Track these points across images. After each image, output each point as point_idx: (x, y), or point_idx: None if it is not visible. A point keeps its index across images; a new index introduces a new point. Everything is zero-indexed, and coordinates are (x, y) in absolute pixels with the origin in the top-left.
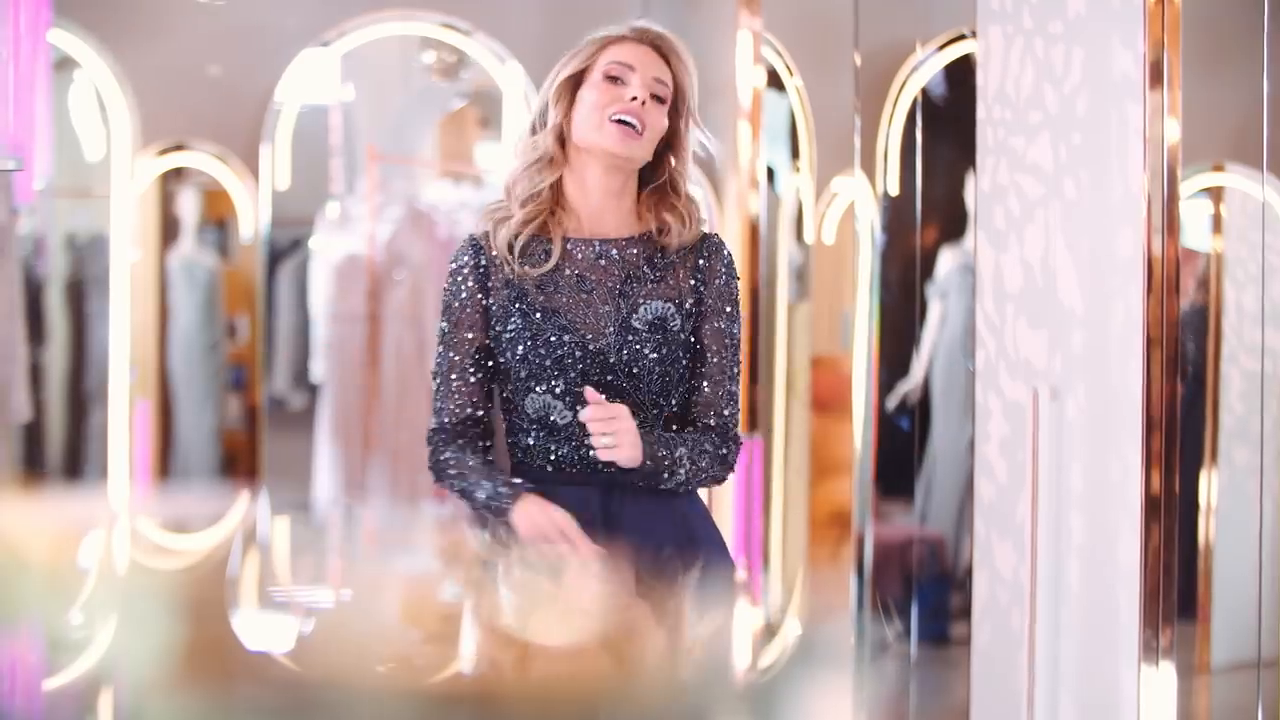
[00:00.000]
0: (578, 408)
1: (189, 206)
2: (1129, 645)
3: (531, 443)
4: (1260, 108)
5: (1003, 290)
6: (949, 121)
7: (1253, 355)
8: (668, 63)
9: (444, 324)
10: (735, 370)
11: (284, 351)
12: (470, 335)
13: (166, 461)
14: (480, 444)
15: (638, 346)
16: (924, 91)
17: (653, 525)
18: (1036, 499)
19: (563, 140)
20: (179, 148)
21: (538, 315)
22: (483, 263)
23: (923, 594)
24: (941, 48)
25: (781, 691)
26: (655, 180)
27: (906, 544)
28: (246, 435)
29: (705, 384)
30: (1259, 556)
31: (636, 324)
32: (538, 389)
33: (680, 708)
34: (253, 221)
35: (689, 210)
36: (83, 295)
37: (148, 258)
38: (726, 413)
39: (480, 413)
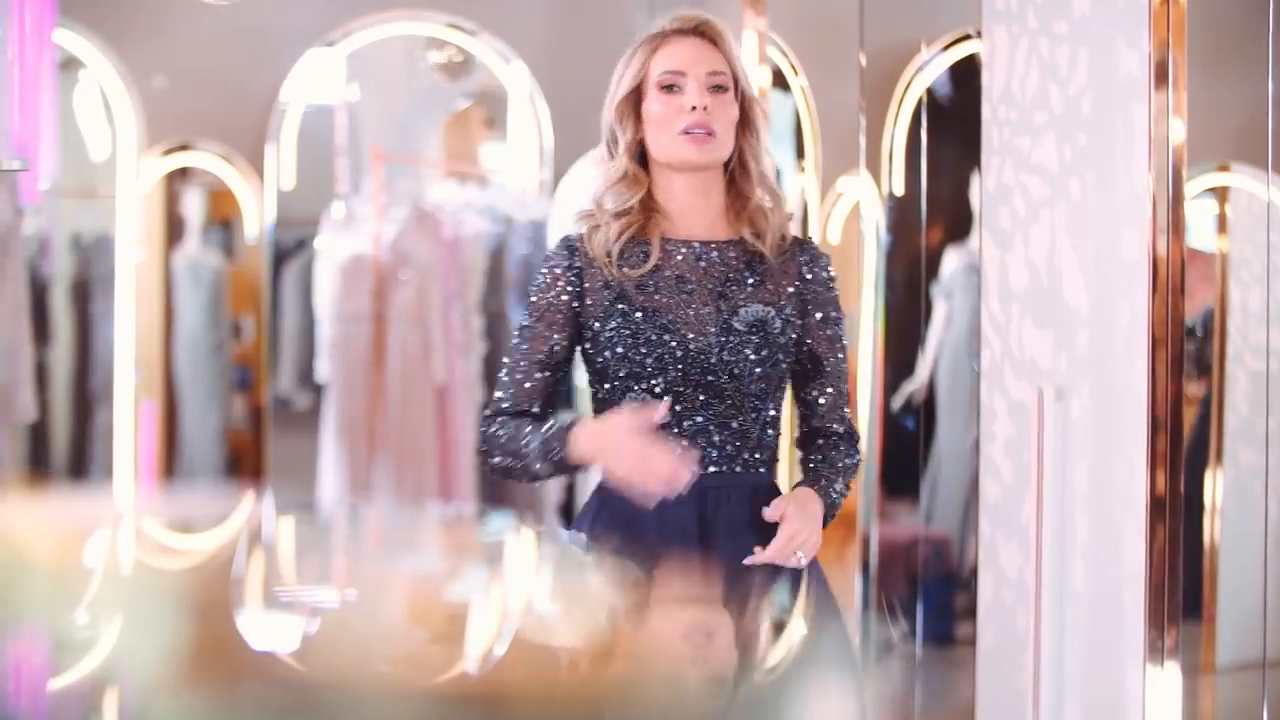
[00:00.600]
0: (676, 407)
1: (194, 206)
2: (1134, 645)
3: None
4: (1265, 108)
5: (1008, 290)
6: (954, 122)
7: (1258, 355)
8: (717, 46)
9: (525, 319)
10: (845, 371)
11: (289, 351)
12: (548, 334)
13: (171, 461)
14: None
15: (738, 348)
16: (929, 92)
17: (746, 532)
18: (1041, 499)
19: (641, 155)
20: (184, 148)
21: (638, 315)
22: (577, 264)
23: (928, 594)
24: (946, 48)
25: (787, 691)
26: (733, 164)
27: (912, 544)
28: (251, 435)
29: (827, 389)
30: (1264, 557)
31: (737, 325)
32: (637, 388)
33: (686, 707)
34: (258, 221)
35: (775, 214)
36: (88, 295)
37: (153, 258)
38: (848, 416)
39: (535, 410)
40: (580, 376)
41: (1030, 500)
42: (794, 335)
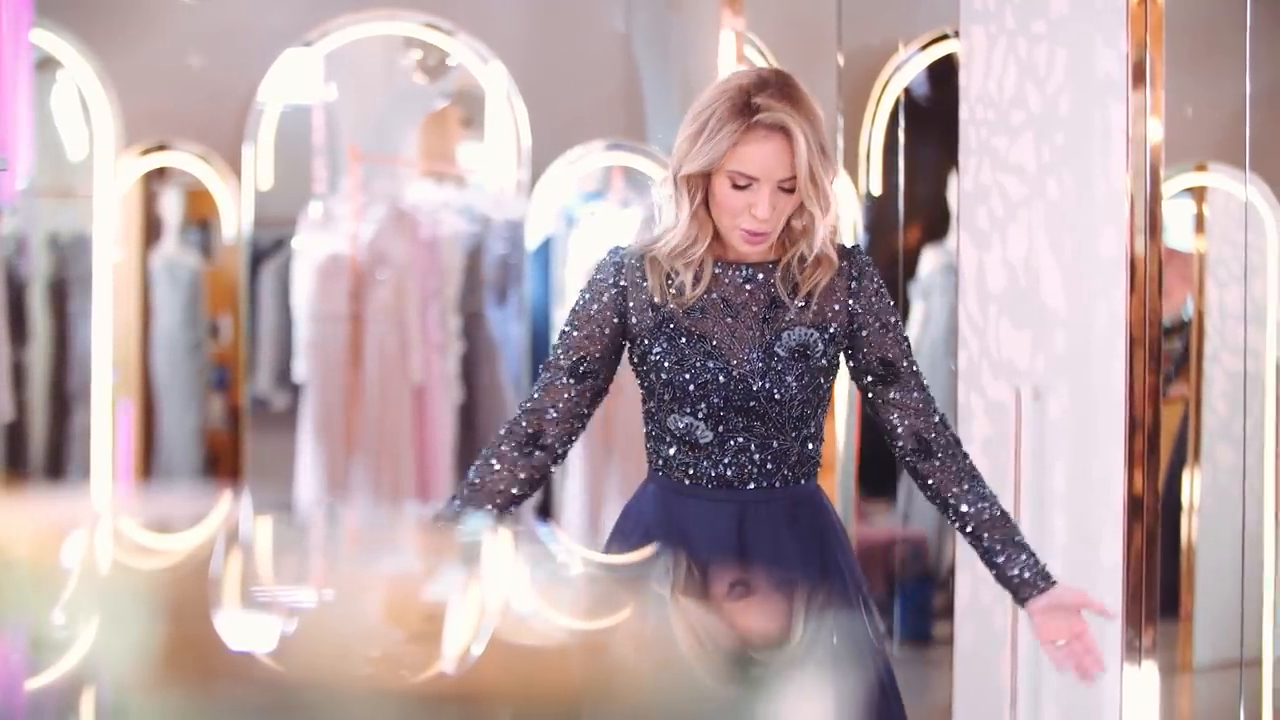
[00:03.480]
0: (719, 428)
1: (172, 206)
2: (1112, 645)
3: (673, 454)
4: (1243, 108)
5: (985, 290)
6: (932, 121)
7: (1235, 355)
8: (792, 145)
9: (566, 326)
10: (920, 371)
11: (266, 351)
12: (582, 344)
13: (149, 461)
14: (525, 439)
15: (781, 375)
16: (907, 91)
17: (784, 549)
18: (1019, 499)
19: (706, 208)
20: (161, 148)
21: (684, 340)
22: (622, 283)
23: (906, 594)
24: (924, 48)
25: (765, 691)
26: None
27: (889, 544)
28: (229, 435)
29: (913, 391)
30: (1241, 556)
31: (780, 351)
32: (682, 411)
33: (665, 707)
34: (235, 221)
35: (821, 227)
36: (65, 295)
37: (130, 258)
38: (943, 413)
39: (552, 411)
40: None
41: (1008, 500)
42: (838, 353)
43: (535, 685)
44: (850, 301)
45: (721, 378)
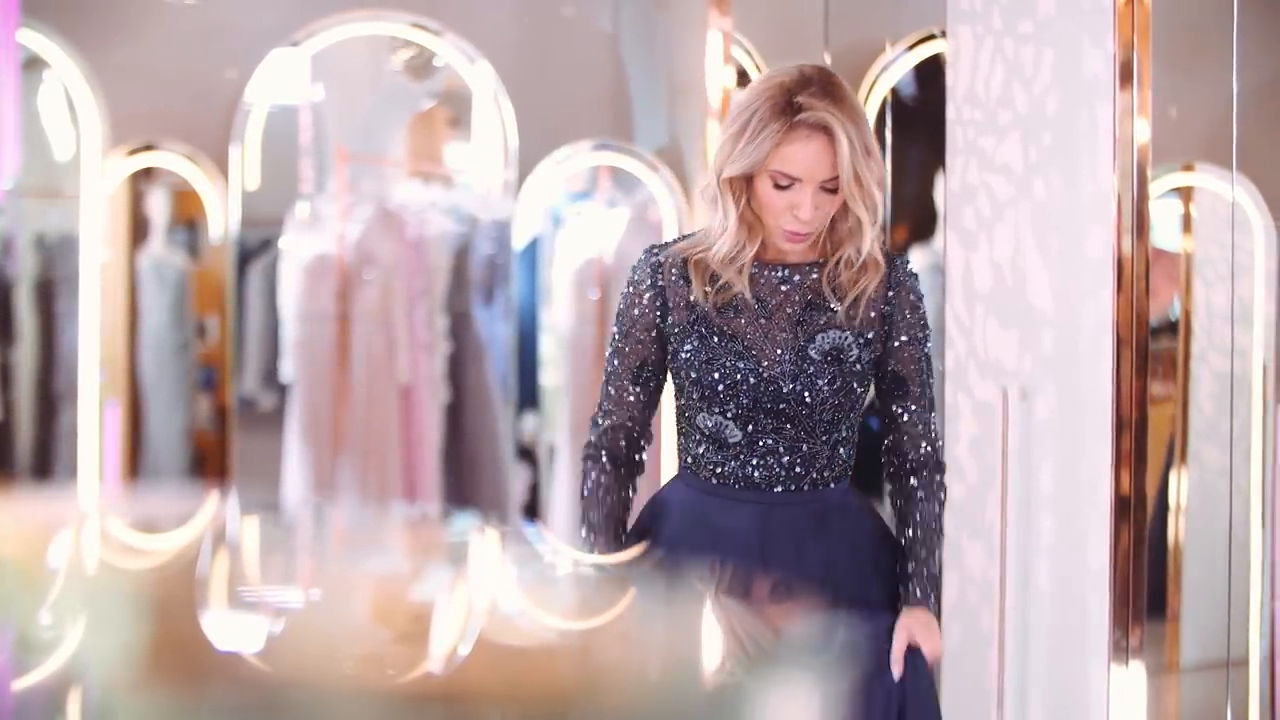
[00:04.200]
0: (749, 428)
1: (159, 206)
2: (1099, 645)
3: (701, 452)
4: (1230, 108)
5: (972, 290)
6: (919, 121)
7: (1223, 355)
8: (835, 145)
9: (614, 330)
10: (933, 395)
11: (253, 351)
12: (638, 349)
13: (136, 461)
14: (624, 459)
15: (813, 377)
16: (894, 91)
17: (807, 555)
18: (1006, 499)
19: (752, 210)
20: (149, 148)
21: (715, 339)
22: (659, 283)
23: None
24: (911, 47)
25: (748, 693)
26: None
27: None
28: (216, 435)
29: (910, 415)
30: (1228, 556)
31: (813, 353)
32: (711, 410)
33: (650, 709)
34: (222, 221)
35: (864, 233)
36: (52, 295)
37: (117, 258)
38: (939, 444)
39: (631, 423)
40: (547, 375)
41: (995, 500)
42: (873, 359)
43: (522, 686)
44: (886, 308)
45: (752, 378)
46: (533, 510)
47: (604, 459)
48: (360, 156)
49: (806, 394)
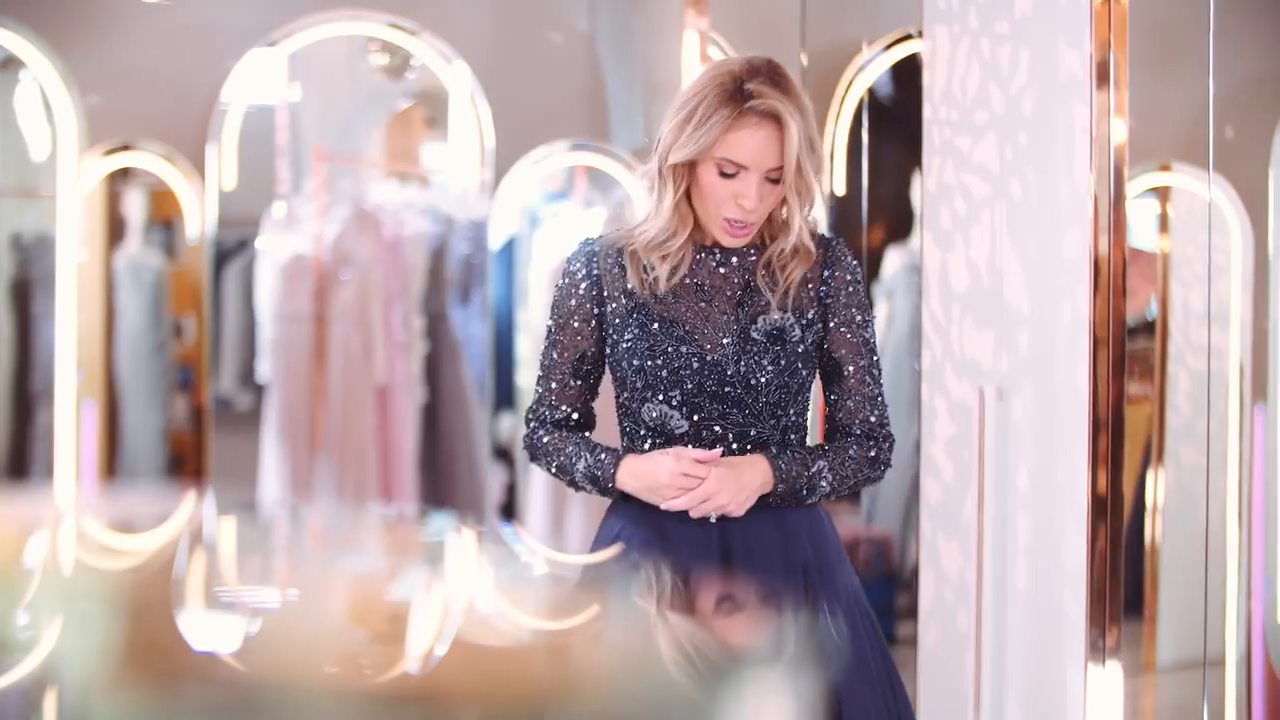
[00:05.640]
0: (694, 417)
1: (135, 207)
2: (1075, 645)
3: (648, 448)
4: (1206, 108)
5: (949, 290)
6: (895, 121)
7: (1199, 355)
8: (783, 134)
9: (550, 322)
10: (876, 373)
11: (230, 352)
12: (575, 340)
13: (113, 461)
14: (570, 430)
15: (756, 358)
16: (870, 91)
17: (768, 549)
18: (983, 499)
19: (688, 199)
20: (125, 148)
21: (655, 326)
22: (595, 272)
23: (869, 594)
24: (888, 48)
25: (728, 692)
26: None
27: (853, 544)
28: (193, 435)
29: (846, 397)
30: (1205, 556)
31: (755, 335)
32: (655, 399)
33: (626, 709)
34: (199, 222)
35: (799, 215)
36: (28, 296)
37: (94, 258)
38: (873, 418)
39: (576, 415)
40: (524, 376)
41: (971, 500)
42: (816, 339)
43: (498, 686)
44: (822, 289)
45: (695, 363)
46: (509, 510)
47: (554, 428)
48: (337, 156)
49: (751, 377)
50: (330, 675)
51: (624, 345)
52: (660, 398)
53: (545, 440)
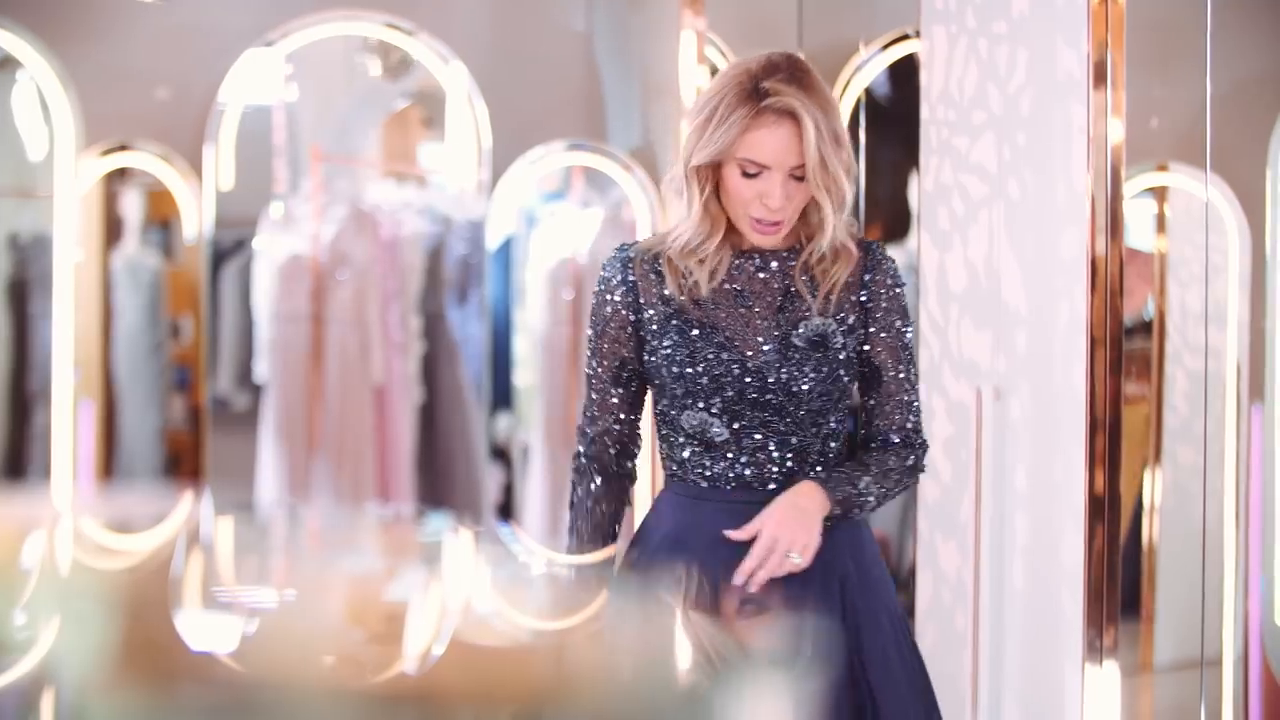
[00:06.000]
0: (735, 424)
1: (132, 207)
2: (1073, 645)
3: (687, 456)
4: (1204, 108)
5: (947, 290)
6: (893, 121)
7: (1197, 355)
8: (801, 131)
9: (589, 332)
10: (914, 379)
11: (228, 352)
12: (614, 349)
13: (110, 461)
14: (614, 469)
15: (798, 365)
16: (868, 91)
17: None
18: (980, 499)
19: (718, 200)
20: (122, 148)
21: (695, 332)
22: (630, 278)
23: None
24: (885, 47)
25: (725, 693)
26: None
27: None
28: (190, 435)
29: (886, 402)
30: (1202, 556)
31: (797, 341)
32: (695, 406)
33: (624, 709)
34: (196, 222)
35: (837, 218)
36: (26, 296)
37: (91, 258)
38: (910, 425)
39: (618, 427)
40: (521, 376)
41: (969, 500)
42: (857, 346)
43: (496, 686)
44: (863, 295)
45: (736, 369)
46: (506, 510)
47: (593, 471)
48: (334, 156)
49: (793, 384)
50: (327, 675)
51: (663, 352)
52: (700, 405)
53: (582, 486)
